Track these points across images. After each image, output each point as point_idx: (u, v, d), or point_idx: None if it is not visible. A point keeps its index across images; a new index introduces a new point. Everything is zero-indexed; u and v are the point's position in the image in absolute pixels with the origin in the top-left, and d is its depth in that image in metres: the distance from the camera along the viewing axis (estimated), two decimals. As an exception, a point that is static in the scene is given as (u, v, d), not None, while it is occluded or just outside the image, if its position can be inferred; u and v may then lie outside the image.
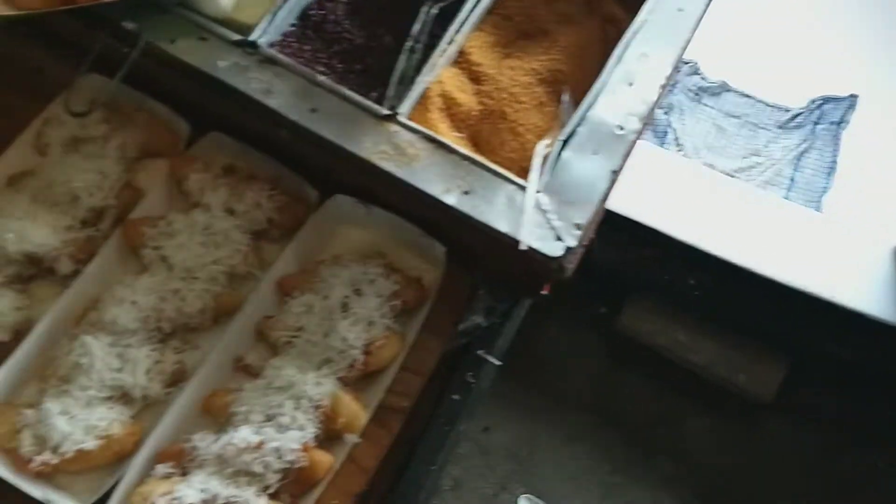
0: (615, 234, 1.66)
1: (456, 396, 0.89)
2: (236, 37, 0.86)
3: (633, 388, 1.80)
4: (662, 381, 1.79)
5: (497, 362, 0.91)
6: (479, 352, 0.90)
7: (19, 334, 0.84)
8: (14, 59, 1.02)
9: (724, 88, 1.95)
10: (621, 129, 0.85)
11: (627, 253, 1.70)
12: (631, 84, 0.88)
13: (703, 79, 1.97)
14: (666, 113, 1.90)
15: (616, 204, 1.61)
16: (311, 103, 0.84)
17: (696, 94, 1.98)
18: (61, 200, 0.89)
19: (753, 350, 1.74)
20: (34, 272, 0.88)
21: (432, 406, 0.89)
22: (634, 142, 0.85)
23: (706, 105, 1.97)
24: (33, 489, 0.77)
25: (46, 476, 0.79)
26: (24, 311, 0.86)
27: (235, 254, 0.88)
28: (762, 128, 1.88)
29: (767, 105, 1.88)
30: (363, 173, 0.83)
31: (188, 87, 0.88)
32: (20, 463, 0.78)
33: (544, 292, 0.89)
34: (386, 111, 0.84)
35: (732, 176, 1.78)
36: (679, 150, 1.87)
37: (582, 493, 1.70)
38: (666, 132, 1.93)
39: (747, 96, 1.94)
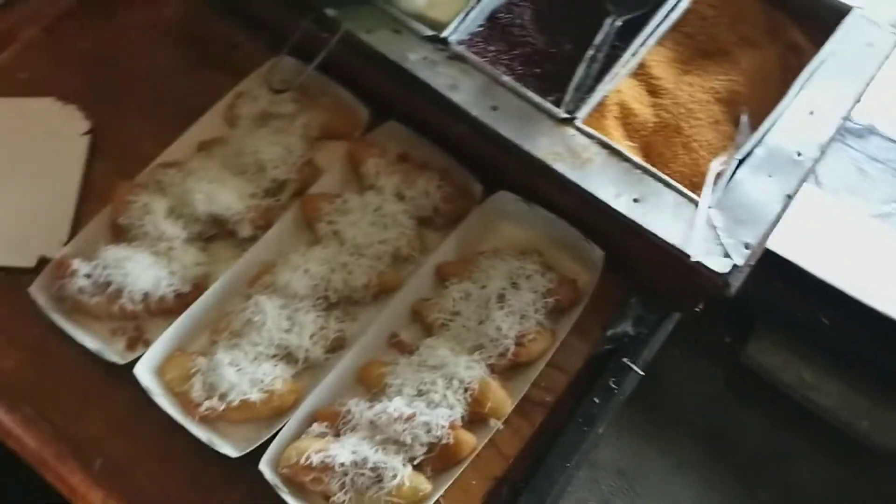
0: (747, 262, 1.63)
1: (596, 399, 0.90)
2: (429, 32, 0.91)
3: (749, 422, 1.76)
4: (781, 418, 1.74)
5: (640, 372, 0.92)
6: (624, 359, 0.92)
7: (198, 288, 0.91)
8: (213, 37, 1.10)
9: (870, 131, 1.89)
10: (799, 154, 0.85)
11: (760, 284, 1.66)
12: (812, 113, 0.88)
13: (849, 120, 1.91)
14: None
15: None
16: (493, 101, 0.87)
17: (841, 135, 1.92)
18: (248, 169, 0.96)
19: (881, 396, 1.67)
20: (216, 233, 0.95)
21: (573, 406, 0.90)
22: (811, 170, 0.85)
23: (850, 146, 1.91)
24: (199, 431, 0.83)
25: (210, 421, 0.85)
26: (203, 267, 0.93)
27: (401, 236, 0.93)
28: (907, 176, 1.81)
29: (915, 153, 1.81)
30: (534, 172, 0.86)
31: (375, 76, 0.93)
32: (189, 406, 0.84)
33: (697, 309, 0.90)
34: (564, 114, 0.86)
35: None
36: (818, 188, 1.82)
37: (686, 521, 1.68)
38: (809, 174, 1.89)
39: (894, 142, 1.87)
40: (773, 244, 1.59)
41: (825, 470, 1.71)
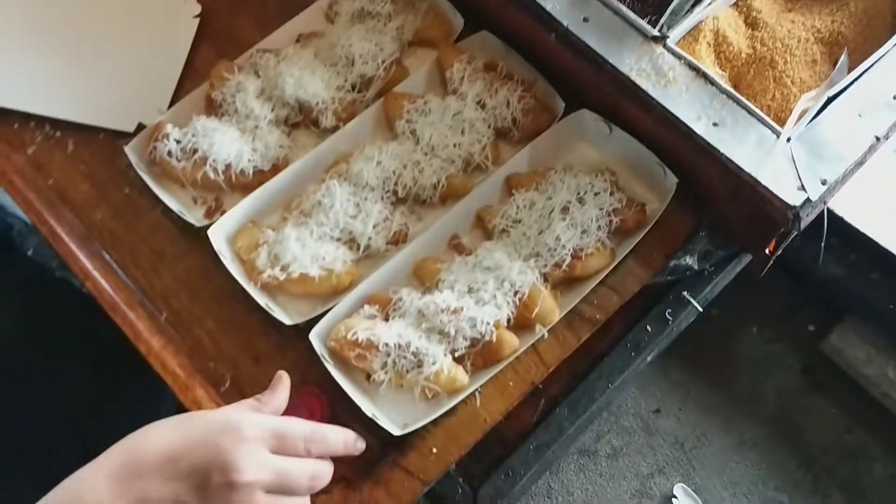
0: (844, 249, 1.56)
1: (649, 327, 0.89)
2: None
3: (822, 414, 1.69)
4: (857, 414, 1.67)
5: (699, 308, 0.90)
6: (684, 293, 0.90)
7: (276, 168, 0.95)
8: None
9: None
10: (895, 98, 0.81)
11: (853, 271, 1.59)
12: (918, 58, 0.83)
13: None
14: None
15: (855, 217, 1.51)
16: (585, 12, 0.87)
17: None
18: (339, 62, 0.99)
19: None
20: (300, 120, 0.98)
21: (623, 331, 0.90)
22: (906, 116, 0.81)
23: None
24: (258, 296, 0.87)
25: (271, 291, 0.89)
26: (284, 150, 0.96)
27: (476, 143, 0.94)
28: None
29: None
30: (617, 88, 0.85)
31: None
32: (253, 273, 0.88)
33: (768, 251, 0.87)
34: (655, 32, 0.85)
35: None
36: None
37: (739, 501, 1.64)
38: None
39: None
40: (876, 233, 1.52)
41: (897, 474, 1.63)
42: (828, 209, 1.47)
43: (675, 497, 1.64)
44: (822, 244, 1.51)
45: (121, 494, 0.59)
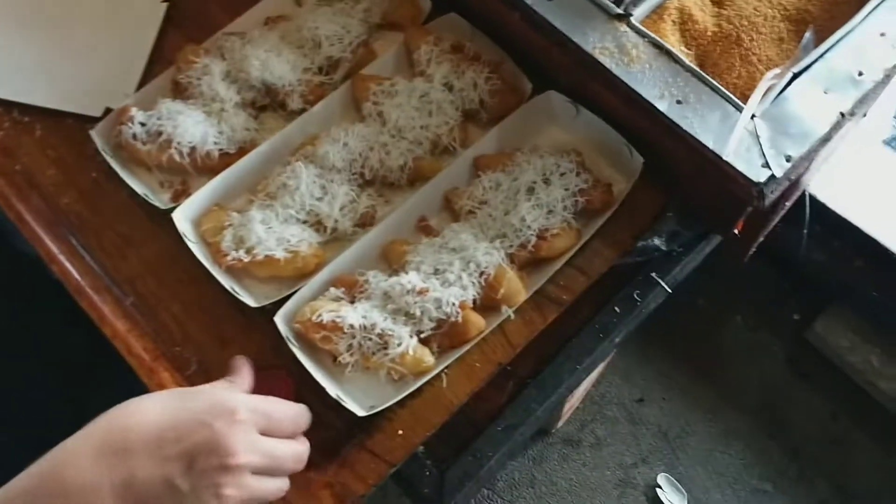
0: (828, 236, 1.56)
1: (617, 308, 0.88)
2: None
3: (807, 402, 1.69)
4: (841, 402, 1.67)
5: (668, 289, 0.89)
6: (653, 274, 0.89)
7: (243, 151, 0.94)
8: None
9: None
10: (861, 74, 0.80)
11: (837, 258, 1.58)
12: (883, 34, 0.83)
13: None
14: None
15: (838, 204, 1.51)
16: (549, -9, 0.86)
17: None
18: (305, 44, 0.98)
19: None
20: (267, 102, 0.98)
21: (591, 313, 0.89)
22: (872, 93, 0.80)
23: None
24: (223, 279, 0.87)
25: (236, 273, 0.89)
26: (251, 133, 0.96)
27: (443, 125, 0.93)
28: None
29: None
30: (582, 68, 0.85)
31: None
32: (218, 255, 0.88)
33: (736, 231, 0.87)
34: (619, 10, 0.84)
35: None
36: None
37: (723, 491, 1.64)
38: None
39: None
40: (859, 220, 1.51)
41: (882, 462, 1.63)
42: (810, 195, 1.47)
43: (659, 487, 1.64)
44: (805, 231, 1.51)
45: (105, 475, 0.59)
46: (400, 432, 0.81)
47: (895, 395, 1.58)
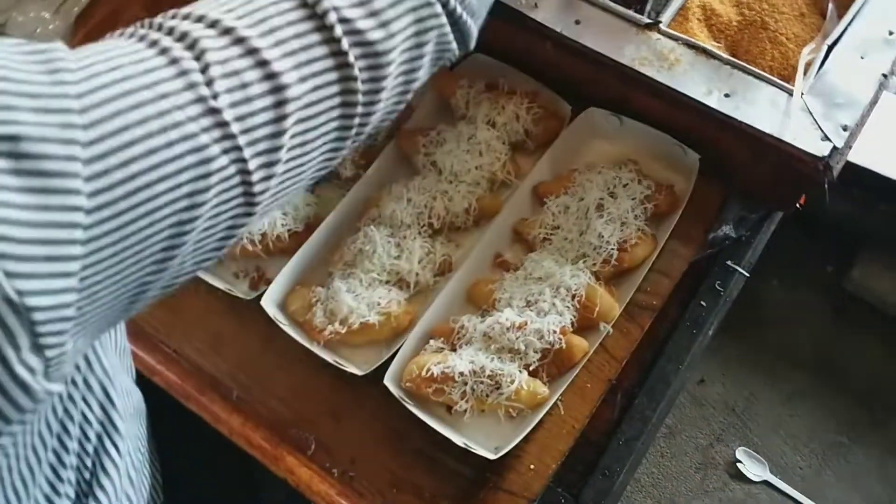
0: (849, 186, 1.59)
1: (703, 303, 0.91)
2: None
3: (861, 350, 1.72)
4: (893, 342, 1.70)
5: (745, 273, 0.92)
6: (728, 262, 0.92)
7: (309, 227, 0.96)
8: None
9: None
10: (891, 33, 0.84)
11: (862, 207, 1.62)
12: (901, -9, 0.86)
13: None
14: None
15: (852, 154, 1.55)
16: (576, 15, 0.89)
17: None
18: (345, 113, 1.00)
19: None
20: (321, 176, 1.00)
21: (679, 311, 0.92)
22: (905, 48, 0.84)
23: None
24: (325, 354, 0.88)
25: (333, 346, 0.90)
26: (313, 207, 0.98)
27: (495, 161, 0.96)
28: None
29: None
30: (623, 81, 0.88)
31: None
32: (313, 332, 0.90)
33: (800, 205, 0.90)
34: (647, 20, 0.87)
35: None
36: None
37: (802, 452, 1.66)
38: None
39: None
40: (876, 165, 1.55)
41: (946, 390, 1.66)
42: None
43: (739, 462, 1.66)
44: (825, 184, 1.55)
45: None
46: (532, 467, 0.83)
47: (946, 323, 1.62)
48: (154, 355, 0.92)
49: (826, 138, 0.79)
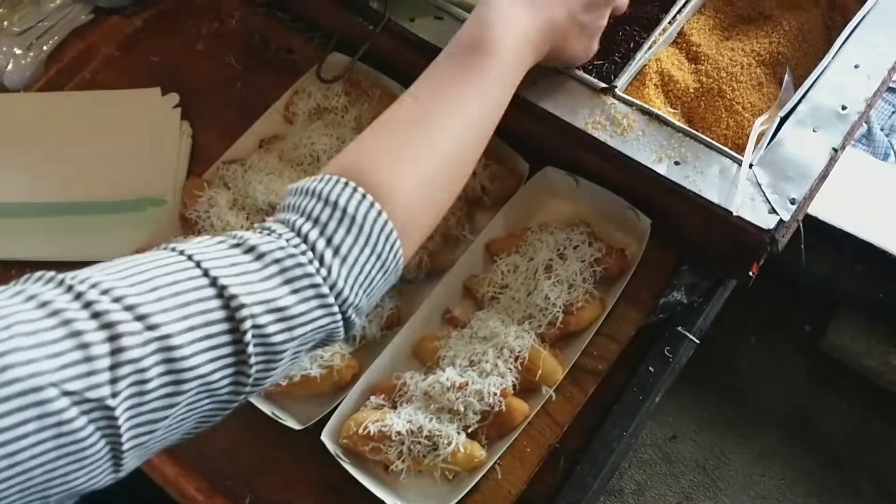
0: (825, 246, 1.59)
1: (651, 368, 0.90)
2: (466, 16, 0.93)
3: (835, 410, 1.70)
4: (869, 404, 1.68)
5: (696, 340, 0.91)
6: (679, 328, 0.91)
7: (261, 274, 0.95)
8: (269, 42, 1.16)
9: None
10: (844, 108, 0.84)
11: (838, 267, 1.61)
12: (857, 66, 0.86)
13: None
14: (888, 135, 1.80)
15: (828, 215, 1.54)
16: (533, 78, 0.89)
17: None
18: (304, 161, 1.00)
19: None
20: (276, 222, 1.00)
21: (627, 376, 0.90)
22: (857, 123, 0.83)
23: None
24: (264, 406, 0.87)
25: (275, 397, 0.89)
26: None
27: (451, 217, 0.95)
28: None
29: None
30: (576, 143, 0.87)
31: (419, 63, 0.96)
32: (256, 383, 0.88)
33: (752, 273, 0.89)
34: (603, 84, 0.87)
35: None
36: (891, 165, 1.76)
37: (772, 514, 1.63)
38: (888, 154, 1.83)
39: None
40: (851, 227, 1.55)
41: (920, 457, 1.64)
42: (800, 211, 1.51)
43: (708, 521, 1.63)
44: (802, 246, 1.54)
45: (534, 18, 0.76)
46: (466, 531, 0.82)
47: (920, 390, 1.60)
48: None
49: (773, 211, 0.79)
